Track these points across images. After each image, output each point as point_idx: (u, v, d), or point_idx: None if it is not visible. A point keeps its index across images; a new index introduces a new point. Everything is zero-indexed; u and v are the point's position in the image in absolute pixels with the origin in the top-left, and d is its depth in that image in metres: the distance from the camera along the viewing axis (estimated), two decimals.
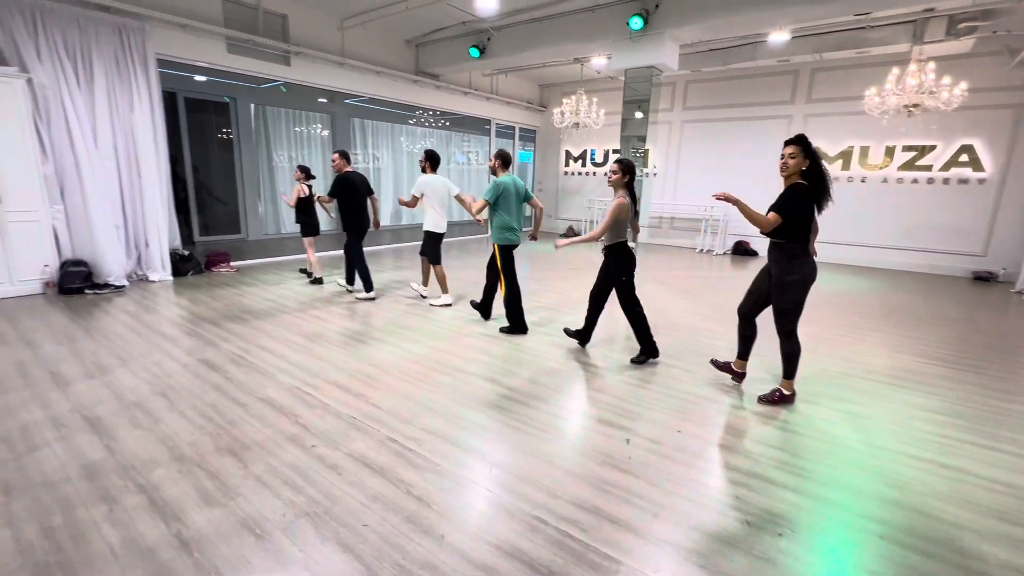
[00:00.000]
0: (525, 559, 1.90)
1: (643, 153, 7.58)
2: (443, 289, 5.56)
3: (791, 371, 3.33)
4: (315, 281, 6.53)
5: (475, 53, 8.63)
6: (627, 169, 3.79)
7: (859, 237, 9.45)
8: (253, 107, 8.09)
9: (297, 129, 8.88)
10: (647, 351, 4.02)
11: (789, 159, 3.10)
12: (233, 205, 8.32)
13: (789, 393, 3.37)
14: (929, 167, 8.69)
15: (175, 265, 6.54)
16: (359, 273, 5.74)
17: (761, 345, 3.68)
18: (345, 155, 5.67)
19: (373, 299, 5.71)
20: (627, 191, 3.81)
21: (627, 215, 3.80)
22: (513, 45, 8.37)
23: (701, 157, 10.91)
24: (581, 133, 11.08)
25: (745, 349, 3.56)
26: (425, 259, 5.58)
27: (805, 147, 3.09)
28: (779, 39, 7.96)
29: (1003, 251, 8.29)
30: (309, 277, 6.61)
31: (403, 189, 10.84)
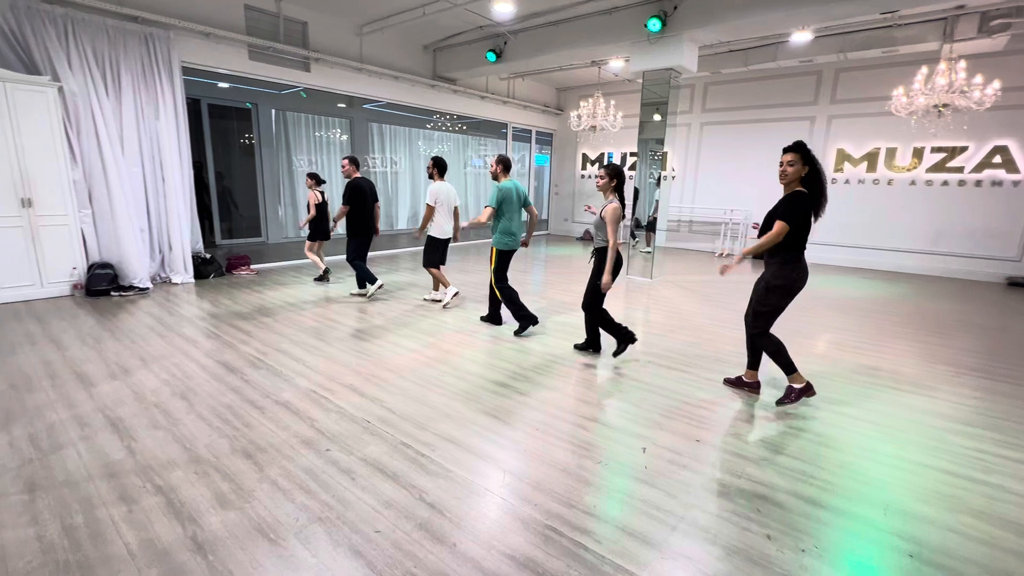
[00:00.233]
0: (538, 570, 1.87)
1: (661, 156, 7.49)
2: (445, 285, 5.64)
3: (788, 366, 3.29)
4: (320, 278, 6.62)
5: (492, 57, 8.68)
6: (615, 174, 3.87)
7: (887, 241, 9.16)
8: (274, 112, 8.23)
9: (316, 134, 9.01)
10: (591, 344, 4.27)
11: (788, 167, 3.06)
12: (254, 209, 8.47)
13: (801, 386, 3.31)
14: (960, 169, 8.40)
15: (197, 268, 6.68)
16: (361, 272, 5.84)
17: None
18: (355, 161, 5.74)
19: (381, 286, 5.93)
20: (616, 195, 3.90)
21: (622, 218, 3.94)
22: (530, 49, 8.37)
23: (721, 160, 10.73)
24: (598, 136, 11.01)
25: (755, 359, 3.50)
26: (430, 269, 5.62)
27: (804, 154, 3.04)
28: (801, 39, 7.79)
29: None
30: (326, 282, 6.68)
31: (420, 193, 10.91)
